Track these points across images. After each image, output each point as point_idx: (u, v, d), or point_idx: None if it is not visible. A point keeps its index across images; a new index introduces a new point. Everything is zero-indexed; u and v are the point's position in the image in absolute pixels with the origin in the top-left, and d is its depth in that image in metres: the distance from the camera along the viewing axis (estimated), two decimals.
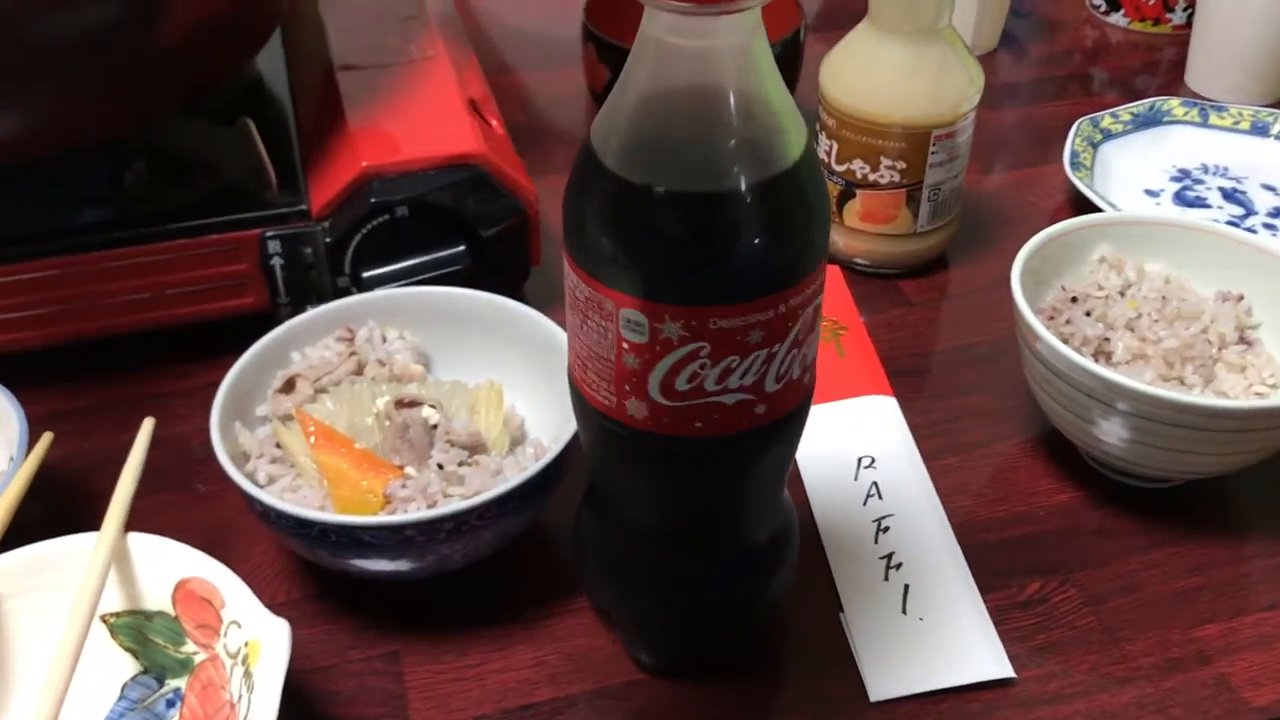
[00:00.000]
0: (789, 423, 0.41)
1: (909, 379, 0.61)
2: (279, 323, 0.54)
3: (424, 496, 0.47)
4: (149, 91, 0.57)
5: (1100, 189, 0.72)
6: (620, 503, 0.44)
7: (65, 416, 0.59)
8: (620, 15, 0.72)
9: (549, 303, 0.62)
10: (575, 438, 0.46)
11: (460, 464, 0.49)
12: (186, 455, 0.57)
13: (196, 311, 0.60)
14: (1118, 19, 0.96)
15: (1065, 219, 0.59)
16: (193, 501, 0.55)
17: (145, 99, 0.58)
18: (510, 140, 0.66)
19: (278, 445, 0.50)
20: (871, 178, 0.65)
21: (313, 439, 0.49)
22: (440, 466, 0.48)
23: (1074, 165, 0.73)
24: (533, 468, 0.46)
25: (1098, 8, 0.97)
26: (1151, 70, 0.91)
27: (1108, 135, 0.77)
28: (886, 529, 0.53)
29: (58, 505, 0.54)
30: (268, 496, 0.45)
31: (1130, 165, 0.76)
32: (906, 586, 0.50)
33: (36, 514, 0.49)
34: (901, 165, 0.64)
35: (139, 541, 0.46)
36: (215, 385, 0.50)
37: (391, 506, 0.47)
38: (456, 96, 0.64)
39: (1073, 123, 0.77)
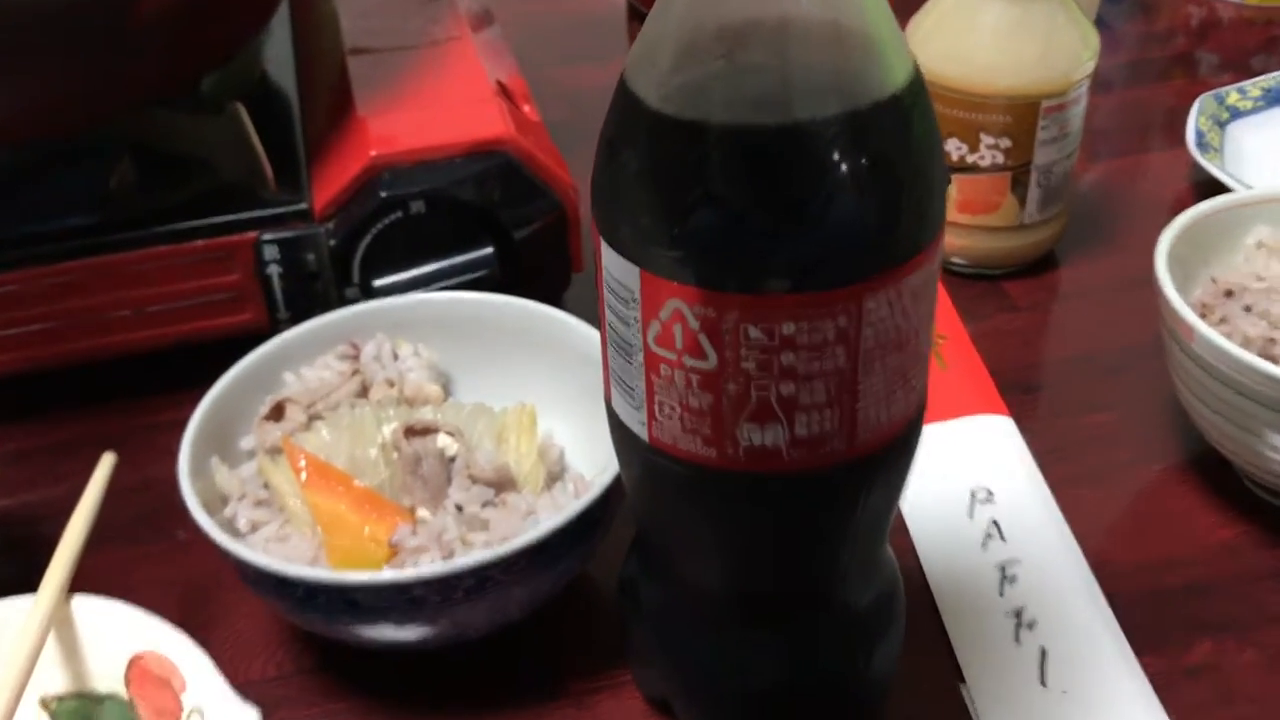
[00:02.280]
0: (896, 454, 0.32)
1: (1023, 395, 0.51)
2: None
3: (439, 545, 0.38)
4: (128, 78, 0.49)
5: (1233, 172, 0.62)
6: (675, 560, 0.35)
7: (29, 457, 0.50)
8: None
9: (594, 318, 0.52)
10: None
11: (484, 504, 0.39)
12: (169, 498, 0.48)
13: (183, 331, 0.52)
14: None
15: (1190, 208, 0.49)
16: (173, 552, 0.47)
17: (124, 86, 0.49)
18: (546, 131, 0.57)
19: (264, 484, 0.41)
20: (970, 159, 0.55)
21: (304, 475, 0.39)
22: (459, 508, 0.39)
23: (1201, 147, 0.63)
24: (572, 508, 0.36)
25: None
26: (1271, 49, 0.81)
27: (1235, 113, 0.67)
28: (1013, 578, 0.43)
29: (19, 560, 0.46)
30: (242, 548, 0.36)
31: (1266, 145, 0.66)
32: (1043, 651, 0.40)
33: None
34: (1006, 143, 0.54)
35: (87, 606, 0.37)
36: None
37: (399, 558, 0.38)
38: (482, 79, 0.55)
39: (1183, 105, 0.67)
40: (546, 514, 0.39)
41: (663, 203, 0.28)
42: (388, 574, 0.35)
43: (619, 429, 0.32)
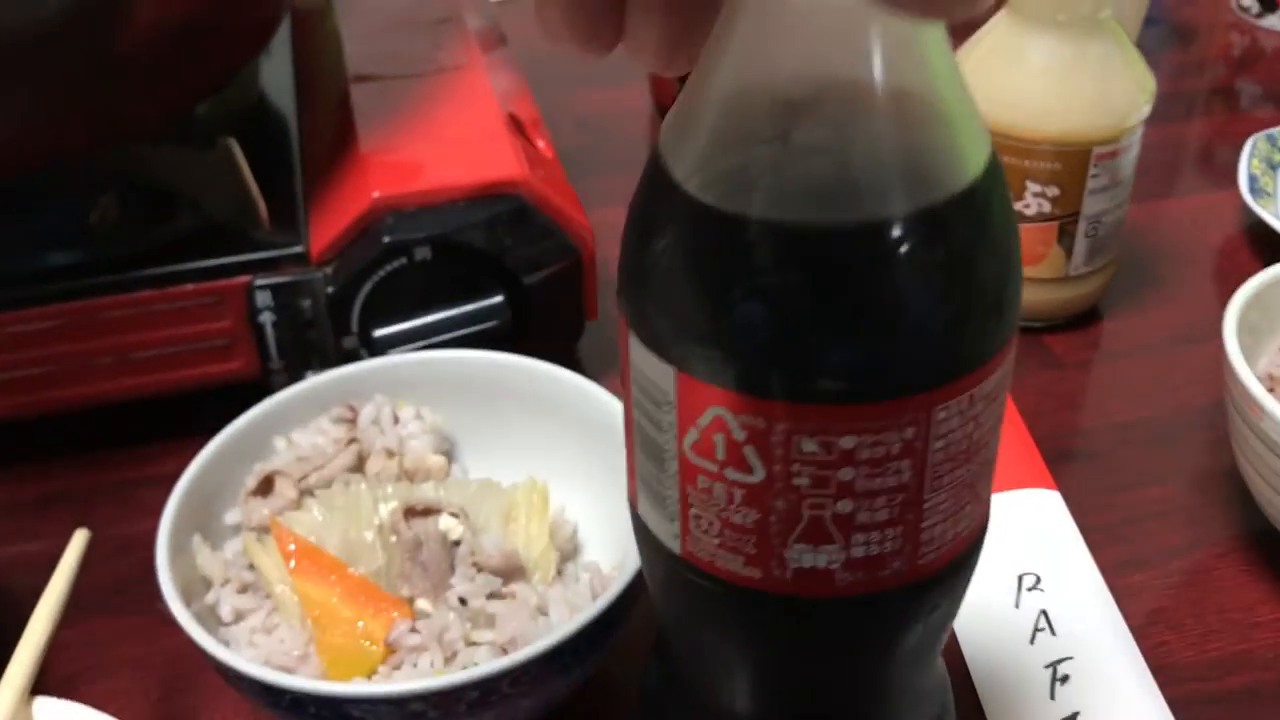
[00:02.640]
0: (959, 572, 0.28)
1: (1070, 465, 0.48)
2: (272, 393, 0.42)
3: (440, 645, 0.34)
4: (115, 106, 0.46)
5: None
6: (703, 678, 0.31)
7: (2, 511, 0.47)
8: None
9: (609, 368, 0.49)
10: None
11: (490, 596, 0.36)
12: (150, 564, 0.44)
13: (169, 380, 0.48)
14: (1275, 22, 0.82)
15: (1243, 257, 0.45)
16: (154, 628, 0.43)
17: (111, 116, 0.46)
18: (561, 166, 0.53)
19: (250, 566, 0.37)
20: (1015, 207, 0.51)
21: (293, 563, 0.36)
22: (463, 601, 0.36)
23: (1254, 192, 0.59)
24: (588, 611, 0.33)
25: (1248, 9, 0.83)
26: None
27: None
28: (1065, 678, 0.39)
29: None
30: (223, 651, 0.33)
31: None
32: None
33: None
34: (1054, 192, 0.51)
35: (49, 711, 0.33)
36: None
37: (396, 658, 0.34)
38: (494, 111, 0.52)
39: (1226, 141, 0.63)
40: (558, 609, 0.35)
41: (705, 297, 0.24)
42: (383, 687, 0.31)
43: (646, 538, 0.29)
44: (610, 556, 0.39)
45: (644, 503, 0.28)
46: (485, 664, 0.32)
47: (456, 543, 0.37)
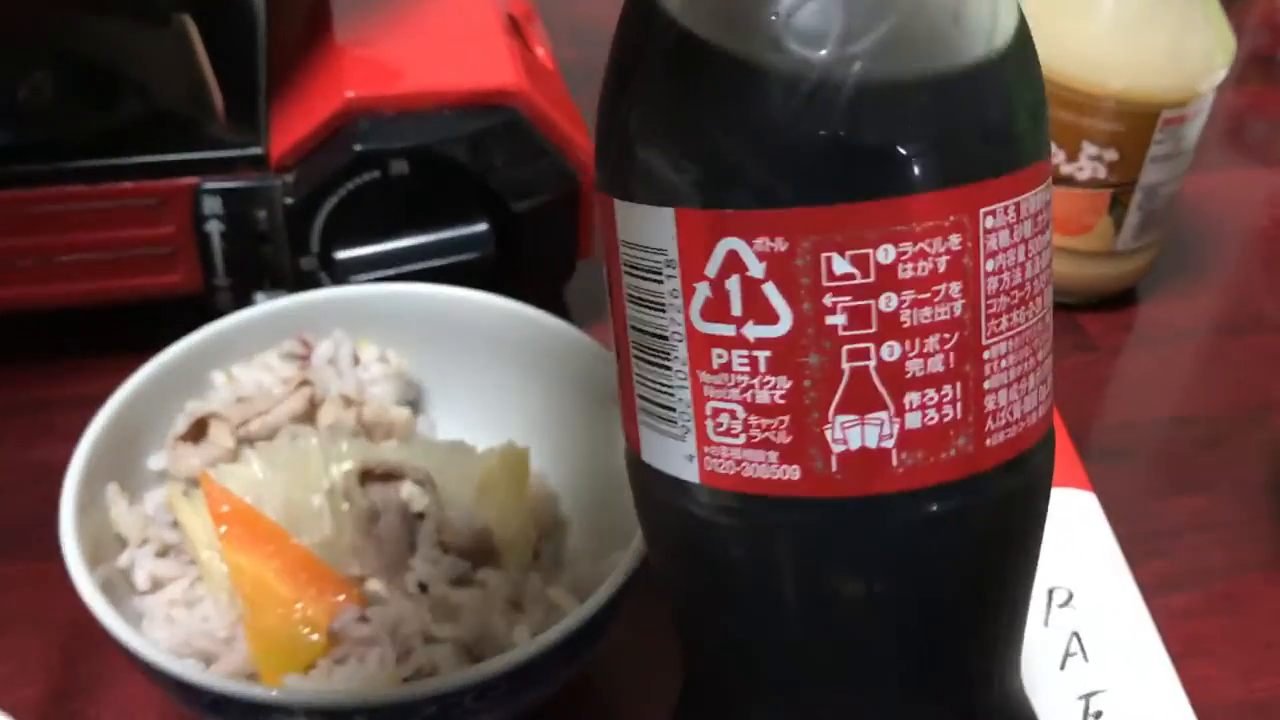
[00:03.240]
0: (1028, 476, 0.23)
1: (1107, 464, 0.43)
2: (218, 314, 0.36)
3: (393, 640, 0.29)
4: None
5: None
6: (751, 691, 0.25)
7: None
8: None
9: (597, 317, 0.43)
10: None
11: (455, 582, 0.31)
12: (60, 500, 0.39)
13: (98, 290, 0.42)
14: None
15: None
16: (59, 578, 0.37)
17: None
18: (562, 79, 0.47)
19: (174, 524, 0.32)
20: (1066, 170, 0.46)
21: (224, 527, 0.30)
22: (423, 588, 0.30)
23: None
24: (569, 621, 0.27)
25: None
26: None
27: None
28: (1099, 715, 0.35)
29: None
30: (132, 637, 0.27)
31: None
32: None
33: None
34: (1111, 156, 0.45)
35: None
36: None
37: (340, 651, 0.29)
38: (491, 9, 0.45)
39: (1272, 113, 0.58)
40: (535, 606, 0.30)
41: (707, 85, 0.20)
42: (319, 693, 0.26)
43: (654, 488, 0.23)
44: (598, 541, 0.33)
45: (648, 436, 0.23)
46: (445, 676, 0.26)
47: (420, 516, 0.31)
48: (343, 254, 0.41)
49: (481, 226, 0.42)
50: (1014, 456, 0.22)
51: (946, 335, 0.21)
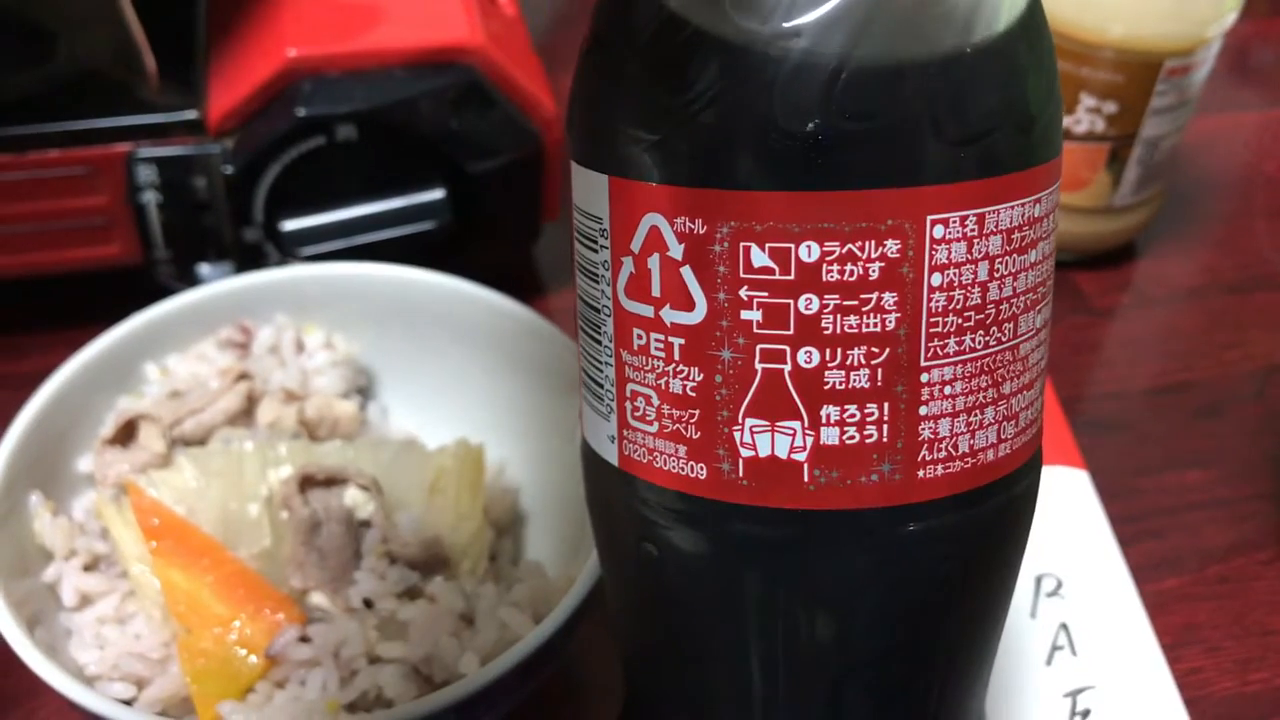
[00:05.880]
0: (978, 518, 0.21)
1: (1100, 436, 0.41)
2: (159, 287, 0.34)
3: (335, 663, 0.27)
4: None
5: None
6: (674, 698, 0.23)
7: None
8: None
9: (566, 282, 0.41)
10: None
11: (403, 595, 0.29)
12: None
13: (29, 263, 0.39)
14: None
15: None
16: None
17: None
18: (525, 28, 0.44)
19: (103, 532, 0.30)
20: (1065, 123, 0.43)
21: (155, 542, 0.28)
22: (368, 603, 0.28)
23: None
24: (525, 644, 0.26)
25: None
26: None
27: None
28: (1086, 713, 0.33)
29: None
30: (39, 660, 0.25)
31: None
32: None
33: None
34: (1111, 108, 0.43)
35: None
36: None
37: (280, 673, 0.27)
38: None
39: (1273, 44, 0.55)
40: (488, 623, 0.28)
41: (644, 44, 0.19)
42: None
43: (588, 474, 0.22)
44: (559, 538, 0.31)
45: (585, 411, 0.22)
46: (388, 711, 0.24)
47: (365, 524, 0.29)
48: (290, 225, 0.38)
49: (438, 194, 0.39)
50: (958, 493, 0.20)
51: (875, 349, 0.19)
